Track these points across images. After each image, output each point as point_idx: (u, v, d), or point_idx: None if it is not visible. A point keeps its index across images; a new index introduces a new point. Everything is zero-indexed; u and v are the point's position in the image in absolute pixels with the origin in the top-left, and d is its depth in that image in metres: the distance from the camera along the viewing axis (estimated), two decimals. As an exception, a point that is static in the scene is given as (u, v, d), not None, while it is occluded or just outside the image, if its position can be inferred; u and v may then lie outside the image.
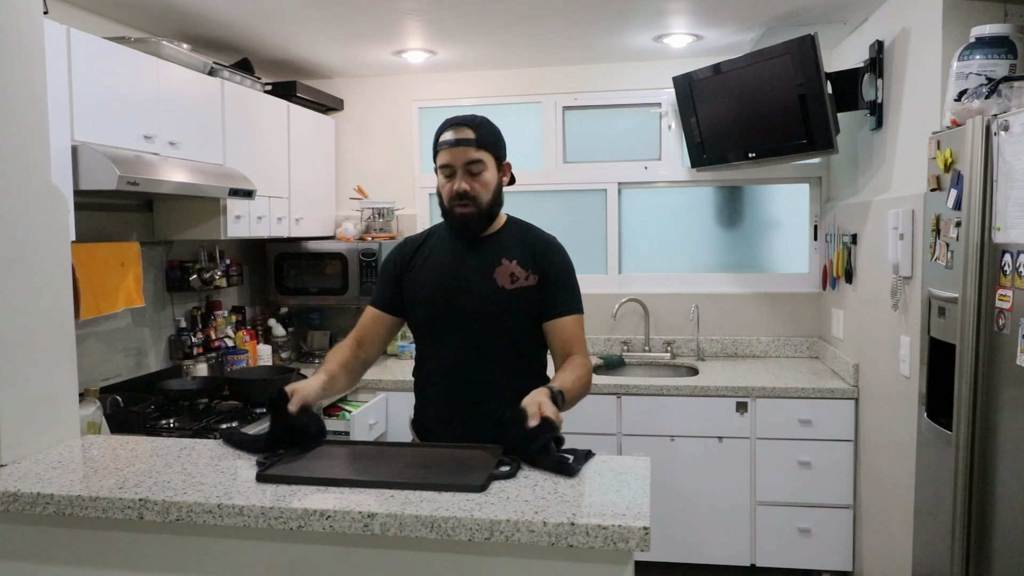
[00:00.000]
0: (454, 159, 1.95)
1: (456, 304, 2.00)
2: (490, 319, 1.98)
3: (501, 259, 2.00)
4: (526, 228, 2.11)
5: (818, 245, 3.93)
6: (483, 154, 1.96)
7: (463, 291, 2.00)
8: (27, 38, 1.83)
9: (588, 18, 3.19)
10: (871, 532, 3.06)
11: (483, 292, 1.98)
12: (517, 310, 1.99)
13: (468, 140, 1.95)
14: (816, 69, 3.00)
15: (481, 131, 1.97)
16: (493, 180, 2.00)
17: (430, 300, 2.03)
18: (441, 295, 2.02)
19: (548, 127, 4.12)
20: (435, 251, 2.07)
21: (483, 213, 1.99)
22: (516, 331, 2.01)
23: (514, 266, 1.99)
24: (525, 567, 1.44)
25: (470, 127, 1.96)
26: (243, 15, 3.06)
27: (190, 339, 3.30)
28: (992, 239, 1.84)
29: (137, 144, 2.56)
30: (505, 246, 2.03)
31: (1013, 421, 1.79)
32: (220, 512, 1.47)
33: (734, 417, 3.31)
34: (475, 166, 1.96)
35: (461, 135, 1.95)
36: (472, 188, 1.96)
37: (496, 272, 1.99)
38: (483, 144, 1.96)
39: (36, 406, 1.82)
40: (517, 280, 1.98)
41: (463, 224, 2.00)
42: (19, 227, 1.79)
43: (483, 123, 2.00)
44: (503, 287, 1.98)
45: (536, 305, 2.00)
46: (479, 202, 1.97)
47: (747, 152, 3.44)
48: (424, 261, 2.07)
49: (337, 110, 4.22)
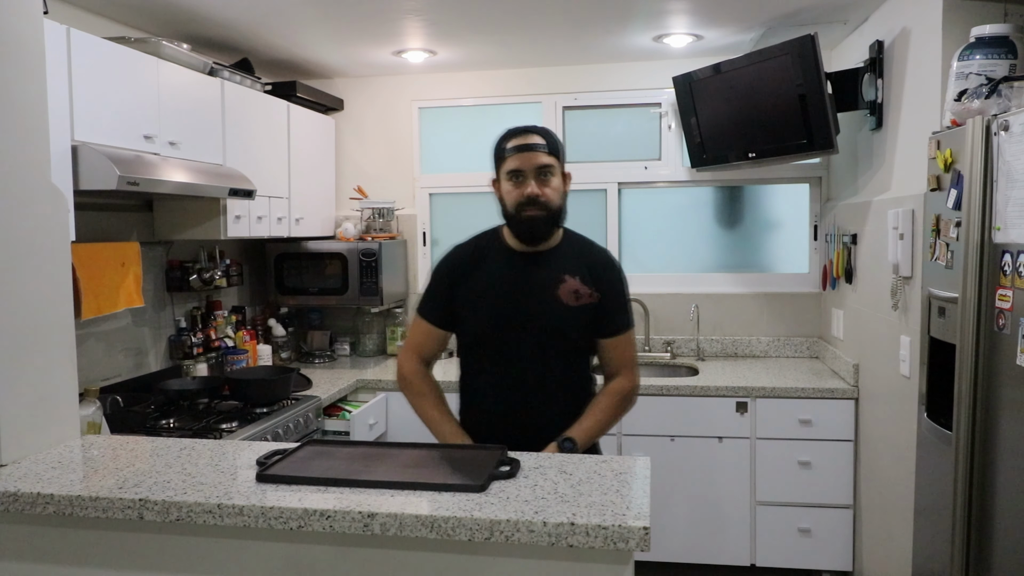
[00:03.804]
0: (524, 164, 1.96)
1: (519, 320, 2.00)
2: (553, 335, 2.00)
3: (564, 275, 2.01)
4: (583, 242, 2.12)
5: (818, 245, 3.93)
6: (552, 160, 1.98)
7: (526, 307, 2.00)
8: (27, 38, 1.83)
9: (588, 18, 3.19)
10: (871, 532, 3.06)
11: (547, 309, 2.00)
12: (579, 326, 2.02)
13: (539, 145, 1.97)
14: (816, 69, 3.00)
15: (549, 138, 2.01)
16: (561, 186, 2.01)
17: (490, 314, 2.02)
18: (503, 310, 2.01)
19: (548, 127, 4.11)
20: (493, 264, 2.05)
21: (552, 217, 1.99)
22: (575, 346, 2.05)
23: (577, 283, 2.01)
24: (525, 567, 1.44)
25: (539, 134, 2.00)
26: (243, 15, 3.06)
27: (190, 339, 3.30)
28: (992, 239, 1.84)
29: (137, 144, 2.56)
30: (566, 262, 2.04)
31: (1013, 421, 1.79)
32: (220, 512, 1.47)
33: (734, 417, 3.31)
34: (547, 170, 1.97)
35: (531, 140, 1.98)
36: (543, 193, 1.96)
37: (560, 289, 2.00)
38: (552, 151, 1.99)
39: (36, 406, 1.82)
40: (581, 298, 2.00)
41: (531, 229, 1.99)
42: (19, 227, 1.79)
43: (548, 131, 2.04)
44: (568, 304, 1.99)
45: (592, 321, 2.03)
46: (549, 207, 1.97)
47: (747, 152, 3.44)
48: (481, 273, 2.05)
49: (337, 110, 4.22)
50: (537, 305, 2.00)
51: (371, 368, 3.82)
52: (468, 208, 4.27)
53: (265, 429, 2.79)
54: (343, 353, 4.18)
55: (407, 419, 3.56)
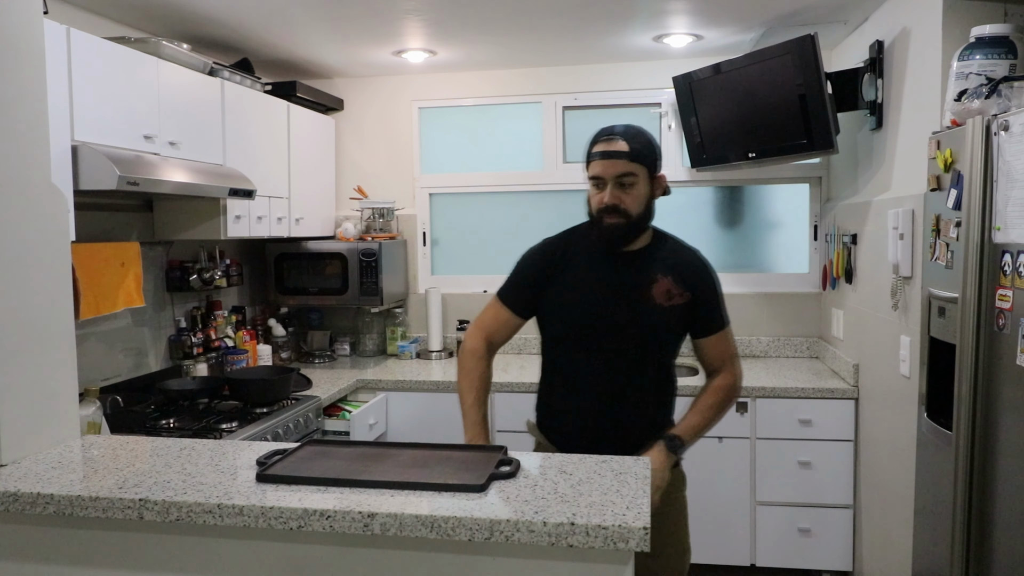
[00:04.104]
0: (605, 171, 1.94)
1: (611, 318, 1.99)
2: (644, 335, 2.00)
3: (656, 275, 2.01)
4: (674, 243, 2.11)
5: (818, 245, 3.93)
6: (635, 167, 1.94)
7: (619, 306, 1.99)
8: (27, 38, 1.83)
9: (588, 18, 3.19)
10: (871, 532, 3.06)
11: (640, 308, 1.99)
12: (670, 327, 2.02)
13: (621, 152, 1.93)
14: (816, 69, 3.00)
15: (635, 143, 1.95)
16: (644, 193, 1.98)
17: (582, 311, 2.02)
18: (595, 308, 2.00)
19: (548, 127, 4.12)
20: (584, 260, 2.04)
21: (632, 226, 1.97)
22: (664, 346, 2.05)
23: (669, 283, 2.00)
24: (525, 567, 1.44)
25: (624, 139, 1.94)
26: (243, 15, 3.06)
27: (190, 339, 3.30)
28: (992, 239, 1.84)
29: (137, 144, 2.56)
30: (658, 262, 2.03)
31: (1013, 421, 1.79)
32: (220, 512, 1.47)
33: (734, 417, 3.31)
34: (626, 178, 1.94)
35: (614, 147, 1.94)
36: (622, 201, 1.95)
37: (653, 289, 2.00)
38: (636, 157, 1.94)
39: (36, 406, 1.82)
40: (673, 298, 2.00)
41: (609, 236, 1.98)
42: (19, 227, 1.79)
43: (638, 134, 1.98)
44: (660, 304, 1.99)
45: (684, 321, 2.03)
46: (628, 215, 1.96)
47: (747, 152, 3.44)
48: (573, 269, 2.04)
49: (337, 110, 4.22)
50: (631, 305, 1.99)
51: (371, 368, 3.82)
52: (468, 208, 4.27)
53: (265, 429, 2.79)
54: (343, 353, 4.18)
55: (407, 419, 3.58)
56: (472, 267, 4.27)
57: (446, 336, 4.15)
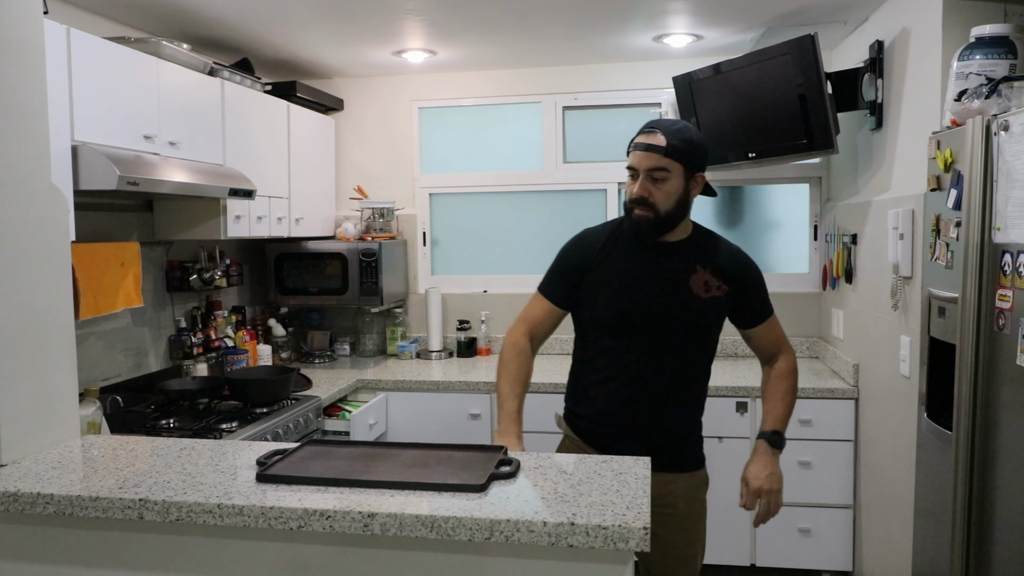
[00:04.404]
0: (639, 163, 1.97)
1: (649, 308, 2.00)
2: (681, 325, 2.01)
3: (696, 266, 2.02)
4: (715, 238, 2.13)
5: (818, 245, 3.93)
6: (669, 162, 1.94)
7: (657, 295, 2.00)
8: (27, 38, 1.83)
9: (588, 18, 3.19)
10: (871, 532, 3.06)
11: (678, 298, 2.00)
12: (707, 318, 2.04)
13: (657, 147, 1.94)
14: (816, 69, 3.00)
15: (674, 139, 1.95)
16: (677, 190, 1.97)
17: (620, 301, 2.02)
18: (633, 297, 2.01)
19: (548, 127, 4.12)
20: (624, 251, 2.05)
21: (660, 220, 1.98)
22: (701, 337, 2.07)
23: (707, 275, 2.02)
24: (525, 567, 1.44)
25: (665, 134, 1.95)
26: (243, 15, 3.06)
27: (190, 339, 3.30)
28: (992, 239, 1.84)
29: (137, 144, 2.56)
30: (699, 254, 2.05)
31: (1013, 421, 1.79)
32: (220, 512, 1.47)
33: (734, 417, 3.31)
34: (658, 173, 1.95)
35: (652, 140, 1.95)
36: (652, 194, 1.96)
37: (692, 279, 2.01)
38: (672, 153, 1.94)
39: (36, 406, 1.82)
40: (711, 289, 2.02)
41: (637, 227, 2.00)
42: (19, 227, 1.79)
43: (680, 131, 1.98)
44: (698, 295, 2.01)
45: (725, 312, 2.05)
46: (657, 208, 1.96)
47: (747, 152, 3.44)
48: (612, 260, 2.05)
49: (337, 110, 4.22)
50: (668, 295, 2.00)
51: (371, 368, 3.82)
52: (468, 208, 4.27)
53: (265, 429, 2.79)
54: (343, 353, 4.18)
55: (407, 419, 3.58)
56: (472, 267, 4.27)
57: (446, 336, 4.15)
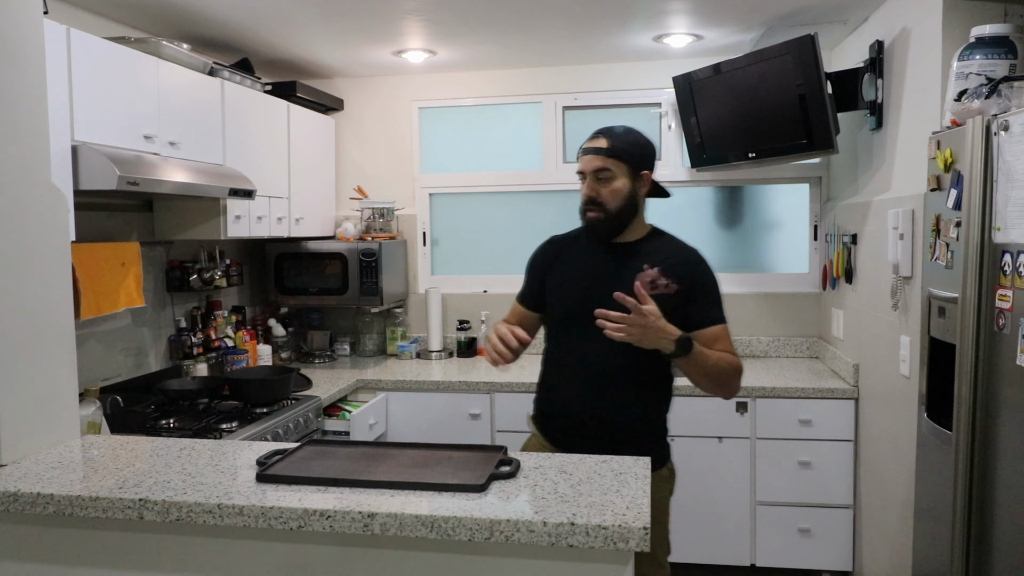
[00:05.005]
0: (585, 166, 2.09)
1: (595, 303, 2.03)
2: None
3: (644, 265, 2.08)
4: (671, 239, 2.19)
5: (818, 245, 3.93)
6: (612, 162, 2.05)
7: (604, 292, 2.04)
8: (27, 38, 1.83)
9: (588, 18, 3.19)
10: (871, 532, 3.06)
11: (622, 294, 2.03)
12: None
13: (599, 149, 2.06)
14: (816, 69, 3.00)
15: (617, 141, 2.07)
16: (623, 188, 2.07)
17: (569, 298, 2.13)
18: (580, 294, 2.10)
19: (548, 127, 4.12)
20: (579, 252, 2.17)
21: (611, 219, 2.07)
22: None
23: (656, 273, 2.07)
24: (525, 567, 1.45)
25: (607, 137, 2.08)
26: (243, 15, 3.06)
27: (190, 339, 3.30)
28: (992, 239, 1.84)
29: (137, 144, 2.56)
30: (649, 254, 2.11)
31: (1013, 421, 1.79)
32: (220, 512, 1.48)
33: (734, 417, 3.31)
34: (603, 173, 2.06)
35: (594, 144, 2.08)
36: (599, 194, 2.06)
37: (639, 277, 2.05)
38: (614, 154, 2.05)
39: (36, 406, 1.82)
40: (657, 287, 2.05)
41: (591, 228, 2.11)
42: (19, 227, 1.79)
43: (624, 134, 2.10)
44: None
45: (673, 311, 2.05)
46: (606, 208, 2.06)
47: (747, 152, 3.44)
48: (568, 261, 2.18)
49: (337, 110, 4.22)
50: (612, 291, 2.01)
51: (371, 368, 3.82)
52: (468, 208, 4.27)
53: (265, 429, 2.79)
54: (343, 353, 4.18)
55: (407, 419, 3.58)
56: (472, 267, 4.27)
57: (446, 336, 4.15)
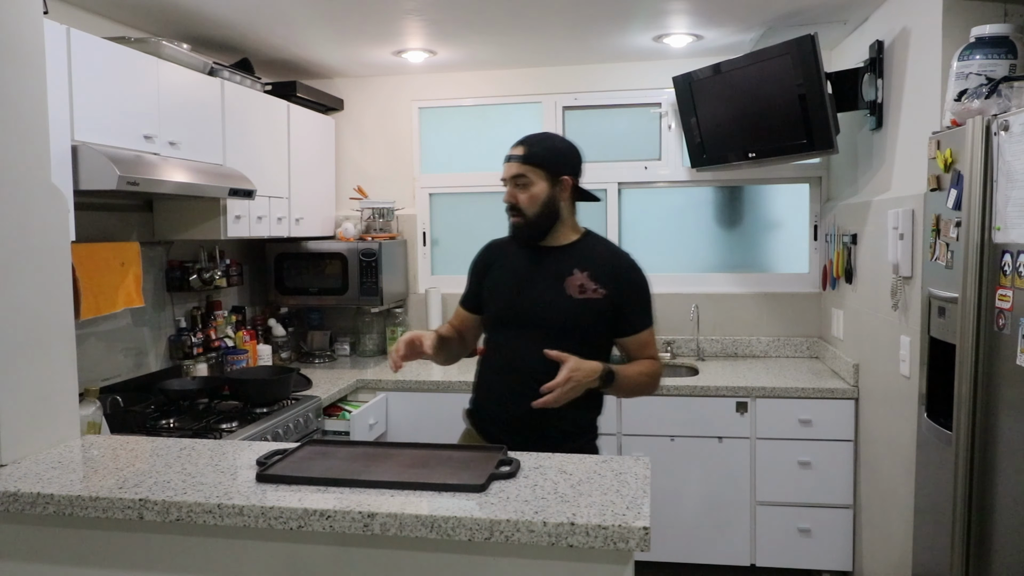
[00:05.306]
0: (505, 173, 2.14)
1: (524, 307, 2.12)
2: (554, 324, 2.09)
3: (573, 270, 2.11)
4: (603, 243, 2.23)
5: (818, 245, 3.93)
6: (529, 168, 2.09)
7: (532, 295, 2.12)
8: (27, 38, 1.83)
9: (588, 18, 3.19)
10: (871, 532, 3.06)
11: (551, 298, 2.10)
12: (581, 318, 2.09)
13: (516, 156, 2.11)
14: (816, 69, 3.00)
15: (534, 148, 2.11)
16: (541, 193, 2.10)
17: (501, 300, 2.18)
18: (512, 297, 2.15)
19: (548, 127, 4.11)
20: (513, 256, 2.21)
21: (530, 223, 2.12)
22: (578, 338, 2.09)
23: (584, 278, 2.10)
24: (525, 567, 1.44)
25: (524, 144, 2.12)
26: (243, 15, 3.06)
27: (190, 339, 3.30)
28: (992, 239, 1.84)
29: (137, 144, 2.56)
30: (578, 258, 2.14)
31: (1013, 421, 1.79)
32: (220, 512, 1.48)
33: (734, 417, 3.31)
34: (520, 179, 2.10)
35: (514, 151, 2.12)
36: (517, 200, 2.11)
37: (567, 281, 2.10)
38: (531, 160, 2.09)
39: (36, 406, 1.82)
40: (585, 291, 2.09)
41: (514, 232, 2.16)
42: (19, 227, 1.79)
43: (541, 140, 2.14)
44: (571, 296, 2.09)
45: (600, 316, 2.10)
46: (524, 213, 2.11)
47: (747, 152, 3.44)
48: (501, 265, 2.22)
49: (337, 110, 4.22)
50: (541, 296, 2.10)
51: (371, 368, 3.82)
52: (468, 208, 4.27)
53: (265, 429, 2.79)
54: (343, 353, 4.18)
55: (407, 419, 3.58)
56: (472, 267, 4.27)
57: (446, 336, 4.14)
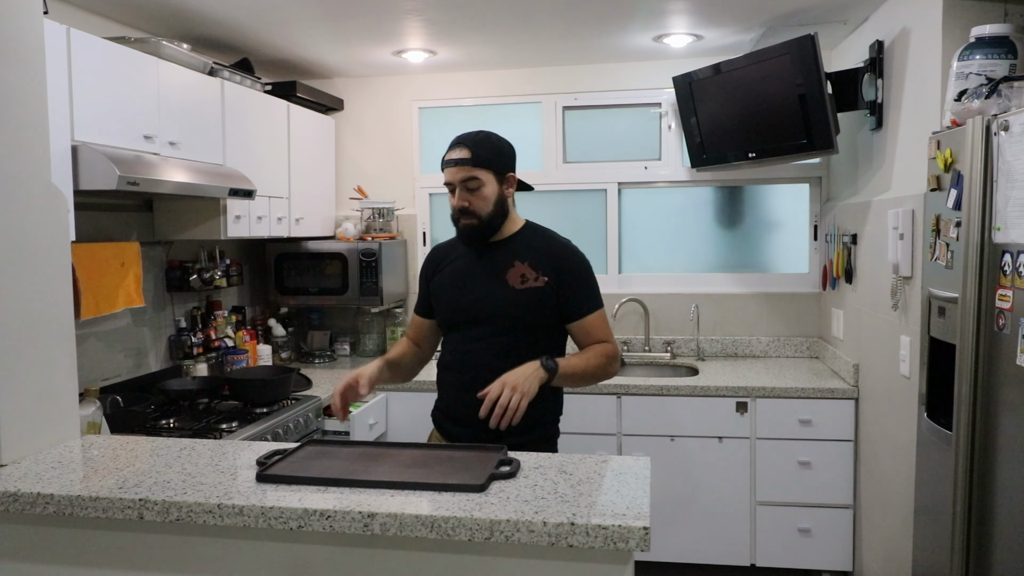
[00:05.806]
0: (452, 178, 2.09)
1: (468, 304, 2.13)
2: (501, 316, 2.10)
3: (513, 261, 2.12)
4: (541, 232, 2.21)
5: (818, 245, 3.93)
6: (478, 171, 2.06)
7: (475, 292, 2.13)
8: (27, 38, 1.83)
9: (588, 18, 3.19)
10: (871, 532, 3.06)
11: (493, 292, 2.10)
12: (526, 308, 2.09)
13: (463, 160, 2.06)
14: (816, 69, 3.00)
15: (478, 149, 2.07)
16: (493, 194, 2.09)
17: (447, 301, 2.19)
18: (457, 296, 2.16)
19: (548, 127, 4.12)
20: (457, 256, 2.21)
21: (484, 224, 2.10)
22: (525, 327, 2.10)
23: (525, 267, 2.10)
24: (525, 567, 1.44)
25: (467, 146, 2.07)
26: (243, 15, 3.06)
27: (190, 339, 3.30)
28: (992, 239, 1.84)
29: (137, 144, 2.56)
30: (518, 249, 2.14)
31: (1013, 421, 1.79)
32: (220, 512, 1.48)
33: (734, 417, 3.31)
34: (471, 183, 2.07)
35: (458, 155, 2.07)
36: (471, 203, 2.08)
37: (508, 273, 2.11)
38: (479, 162, 2.06)
39: (36, 406, 1.82)
40: (527, 280, 2.09)
41: (468, 235, 2.14)
42: (19, 227, 1.79)
43: (482, 140, 2.10)
44: (513, 287, 2.09)
45: (546, 303, 2.10)
46: (479, 215, 2.09)
47: (747, 152, 3.44)
48: (446, 267, 2.22)
49: (337, 110, 4.22)
50: (484, 291, 2.11)
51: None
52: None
53: (265, 429, 2.79)
54: (343, 353, 4.18)
55: (407, 419, 3.58)
56: (472, 267, 4.27)
57: (446, 336, 4.15)
